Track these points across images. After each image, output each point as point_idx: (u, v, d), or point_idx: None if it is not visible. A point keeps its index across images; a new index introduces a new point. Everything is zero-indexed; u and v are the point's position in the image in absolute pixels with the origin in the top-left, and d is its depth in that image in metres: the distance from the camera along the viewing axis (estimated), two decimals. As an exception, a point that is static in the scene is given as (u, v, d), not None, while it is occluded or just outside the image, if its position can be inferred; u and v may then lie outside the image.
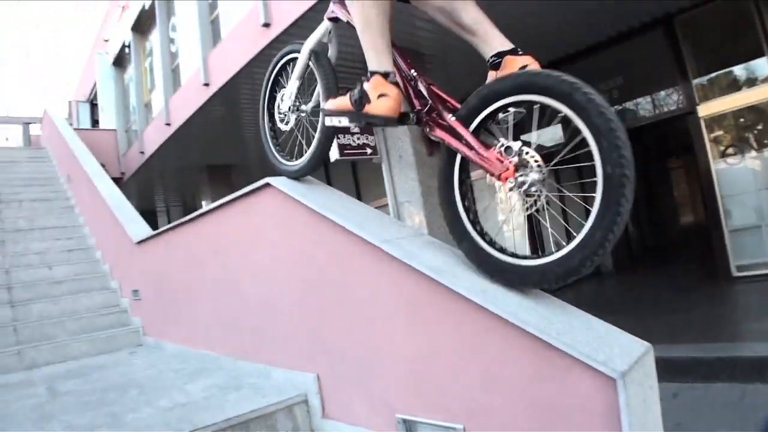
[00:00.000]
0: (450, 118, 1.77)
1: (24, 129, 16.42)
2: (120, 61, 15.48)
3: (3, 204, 8.07)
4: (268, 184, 2.54)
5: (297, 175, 2.51)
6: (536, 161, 1.57)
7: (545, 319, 1.49)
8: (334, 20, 2.23)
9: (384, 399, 1.99)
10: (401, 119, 1.88)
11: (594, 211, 1.43)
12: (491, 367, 1.60)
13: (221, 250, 3.25)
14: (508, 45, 1.79)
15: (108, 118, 15.78)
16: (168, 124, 10.77)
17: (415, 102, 1.89)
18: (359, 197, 11.96)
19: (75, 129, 13.68)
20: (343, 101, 1.92)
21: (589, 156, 1.44)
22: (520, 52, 1.76)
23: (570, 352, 1.39)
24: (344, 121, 1.93)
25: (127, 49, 14.28)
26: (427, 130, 1.85)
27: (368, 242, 1.91)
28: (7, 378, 4.20)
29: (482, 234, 1.73)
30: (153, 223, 18.54)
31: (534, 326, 1.44)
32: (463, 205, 1.76)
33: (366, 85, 1.84)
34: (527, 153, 1.58)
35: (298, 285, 2.49)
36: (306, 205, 2.26)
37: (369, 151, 7.57)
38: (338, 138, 6.47)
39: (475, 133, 1.70)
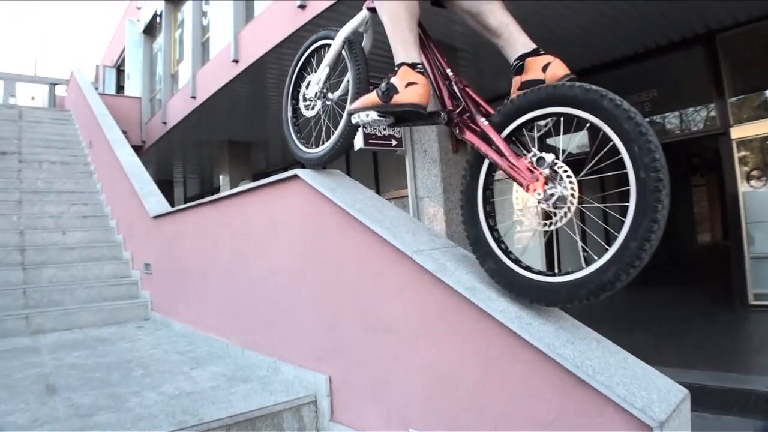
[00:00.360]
0: (483, 122, 1.72)
1: (50, 89, 16.52)
2: (150, 30, 15.47)
3: (24, 164, 8.10)
4: (296, 176, 2.46)
5: (317, 163, 2.44)
6: (567, 174, 1.51)
7: (581, 353, 1.41)
8: (373, 10, 2.15)
9: (399, 410, 1.92)
10: (432, 117, 1.84)
11: (628, 220, 1.35)
12: (516, 395, 1.52)
13: (239, 236, 3.19)
14: (530, 46, 1.75)
15: (133, 86, 15.80)
16: (193, 97, 10.75)
17: (448, 102, 1.85)
18: (378, 187, 11.89)
19: (100, 94, 13.72)
20: (370, 97, 1.86)
21: (620, 164, 1.38)
22: (542, 52, 1.73)
23: (606, 393, 1.31)
24: (372, 115, 1.85)
25: (158, 18, 14.25)
26: (457, 131, 1.81)
27: (399, 250, 1.83)
28: (14, 342, 4.19)
29: (507, 252, 1.66)
30: (169, 193, 18.69)
31: (570, 361, 1.36)
32: (488, 224, 1.70)
33: (393, 79, 1.79)
34: (559, 166, 1.53)
35: (316, 282, 2.42)
36: (334, 203, 2.18)
37: (394, 142, 7.51)
38: (364, 127, 6.39)
39: (507, 140, 1.65)
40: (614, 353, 1.49)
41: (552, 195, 1.52)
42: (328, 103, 2.40)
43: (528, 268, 1.60)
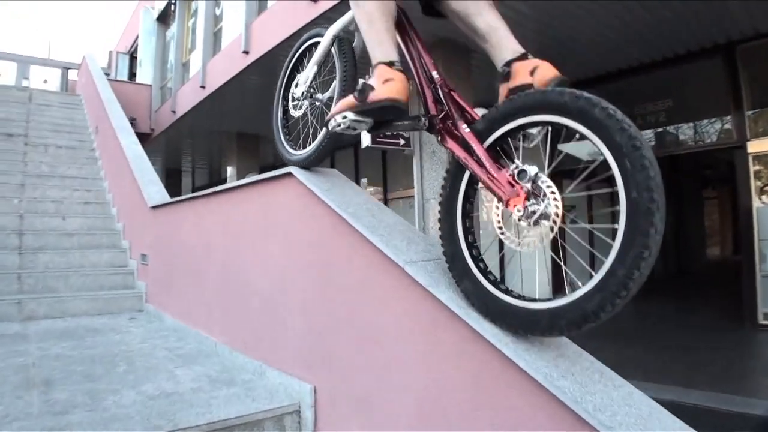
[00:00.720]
0: (464, 129, 1.60)
1: (63, 73, 16.53)
2: (164, 18, 15.42)
3: (29, 147, 8.04)
4: (290, 173, 2.34)
5: (300, 165, 2.34)
6: (551, 190, 1.38)
7: (581, 387, 1.28)
8: None
9: (386, 429, 1.81)
10: (413, 121, 1.74)
11: (617, 244, 1.20)
12: (509, 425, 1.39)
13: (231, 233, 3.08)
14: (519, 51, 1.62)
15: (145, 73, 15.78)
16: (203, 87, 10.68)
17: (431, 106, 1.73)
18: (385, 187, 11.77)
19: (111, 80, 13.69)
20: (347, 100, 1.76)
21: (611, 182, 1.23)
22: (530, 57, 1.60)
23: (607, 433, 1.18)
24: (349, 116, 1.73)
25: (173, 6, 14.20)
26: (439, 139, 1.70)
27: (390, 259, 1.71)
28: (4, 328, 4.11)
29: (485, 273, 1.53)
30: (177, 182, 18.68)
31: (569, 395, 1.23)
32: (467, 240, 1.57)
33: (370, 79, 1.69)
34: (542, 180, 1.40)
35: (306, 286, 2.30)
36: (327, 204, 2.06)
37: (402, 142, 7.39)
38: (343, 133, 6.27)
39: (489, 150, 1.52)
40: (618, 387, 1.36)
41: (533, 212, 1.39)
42: (317, 103, 2.29)
43: (507, 291, 1.45)
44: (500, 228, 1.49)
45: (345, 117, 1.74)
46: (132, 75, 18.07)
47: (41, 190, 6.71)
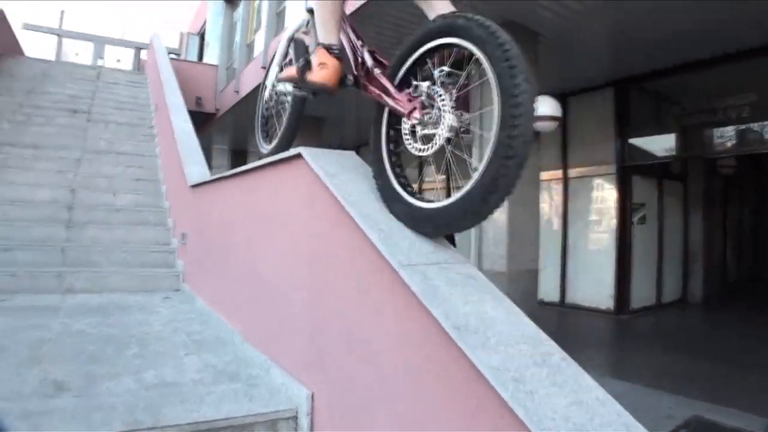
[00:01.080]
0: (377, 73, 1.91)
1: (135, 53, 17.02)
2: (232, -1, 15.57)
3: (91, 123, 8.24)
4: (299, 155, 2.12)
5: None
6: (441, 97, 1.59)
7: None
8: (311, 12, 2.36)
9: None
10: (342, 83, 2.03)
11: (495, 115, 1.36)
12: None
13: (248, 218, 2.91)
14: (449, 9, 1.77)
15: (212, 54, 16.02)
16: (263, 68, 10.64)
17: (355, 67, 2.01)
18: (448, 180, 11.42)
19: (180, 60, 13.98)
20: (291, 70, 2.16)
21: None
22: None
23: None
24: (288, 87, 2.25)
25: (241, -14, 14.30)
26: (363, 91, 1.95)
27: (384, 258, 1.45)
28: (40, 299, 4.13)
29: (412, 194, 1.71)
30: (242, 164, 18.92)
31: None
32: (394, 172, 1.80)
33: (312, 57, 2.02)
34: (436, 92, 1.61)
35: (308, 282, 2.08)
36: (330, 190, 1.82)
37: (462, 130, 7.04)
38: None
39: (402, 84, 1.78)
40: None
41: (430, 119, 1.61)
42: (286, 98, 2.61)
43: (421, 200, 1.64)
44: (408, 140, 1.71)
45: (286, 86, 2.21)
46: (201, 56, 18.45)
47: (96, 165, 6.83)
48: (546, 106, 6.72)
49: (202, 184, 4.32)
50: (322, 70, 1.94)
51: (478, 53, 1.44)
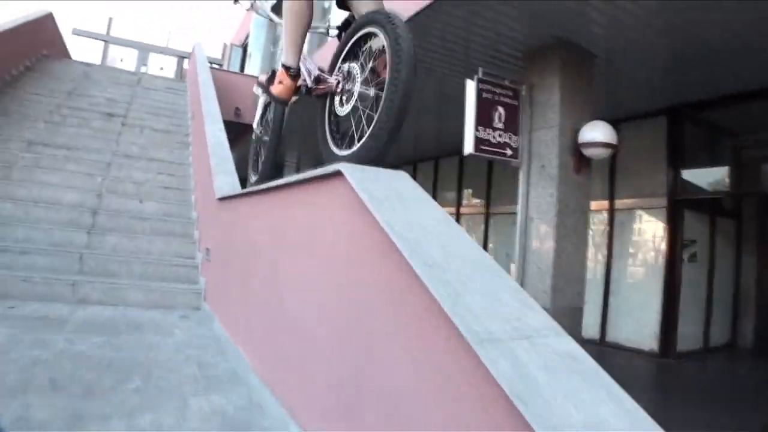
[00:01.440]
0: (321, 75, 2.41)
1: (178, 62, 17.13)
2: (276, 10, 15.53)
3: (126, 127, 8.09)
4: (339, 173, 1.74)
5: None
6: (355, 72, 2.15)
7: None
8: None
9: None
10: (296, 93, 2.51)
11: (389, 74, 1.85)
12: None
13: (275, 239, 2.55)
14: (380, 6, 2.29)
15: (254, 65, 16.00)
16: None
17: (308, 80, 2.44)
18: (488, 199, 10.99)
19: (221, 70, 13.93)
20: (263, 78, 2.94)
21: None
22: None
23: None
24: (259, 92, 3.24)
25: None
26: (313, 95, 2.46)
27: (454, 327, 1.05)
28: (49, 309, 3.85)
29: (332, 134, 2.32)
30: (278, 177, 18.81)
31: None
32: (331, 135, 2.32)
33: (277, 72, 2.52)
34: (352, 68, 2.18)
35: (340, 324, 1.69)
36: (377, 220, 1.44)
37: (509, 152, 6.59)
38: (477, 130, 5.67)
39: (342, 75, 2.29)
40: None
41: (347, 90, 2.19)
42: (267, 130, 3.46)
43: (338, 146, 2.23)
44: (336, 106, 2.26)
45: (260, 91, 3.17)
46: (243, 68, 18.49)
47: (126, 170, 6.62)
48: (599, 132, 6.23)
49: (229, 198, 3.99)
50: (279, 86, 2.46)
51: (379, 32, 1.96)
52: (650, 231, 8.51)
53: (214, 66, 15.69)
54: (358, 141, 1.97)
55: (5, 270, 4.21)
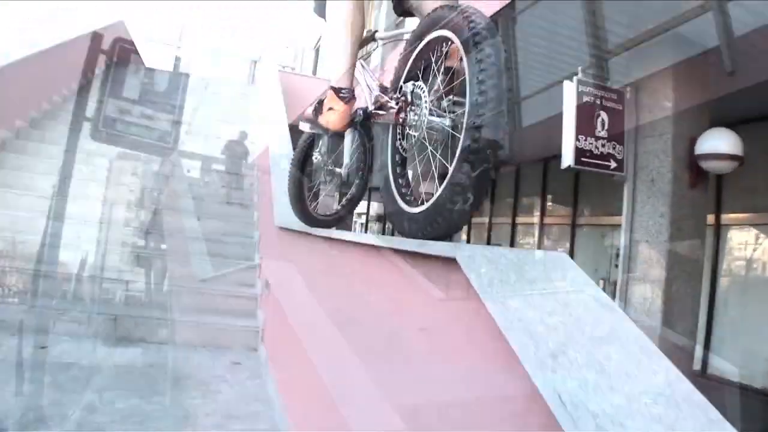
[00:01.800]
0: (381, 97, 1.82)
1: (251, 66, 16.98)
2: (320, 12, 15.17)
3: (189, 135, 7.67)
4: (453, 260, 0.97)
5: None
6: (421, 94, 1.54)
7: None
8: None
9: None
10: (353, 121, 1.98)
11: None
12: None
13: (350, 300, 1.80)
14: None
15: (326, 68, 15.72)
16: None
17: (370, 104, 1.93)
18: (576, 208, 9.95)
19: (293, 73, 13.61)
20: (309, 111, 2.17)
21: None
22: None
23: None
24: (305, 127, 2.23)
25: (356, 4, 13.83)
26: (373, 120, 1.93)
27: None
28: (81, 352, 3.29)
29: (399, 187, 1.65)
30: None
31: None
32: (396, 183, 1.67)
33: (324, 99, 1.99)
34: (419, 87, 1.56)
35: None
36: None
37: (613, 165, 5.60)
38: (578, 140, 4.90)
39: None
40: None
41: (412, 118, 1.56)
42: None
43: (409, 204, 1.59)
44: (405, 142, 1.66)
45: (310, 127, 2.20)
46: (316, 70, 18.30)
47: (186, 182, 6.13)
48: (722, 141, 5.21)
49: (288, 230, 3.29)
50: (330, 113, 1.95)
51: (452, 36, 1.43)
52: (765, 251, 7.37)
53: (287, 69, 15.45)
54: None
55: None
